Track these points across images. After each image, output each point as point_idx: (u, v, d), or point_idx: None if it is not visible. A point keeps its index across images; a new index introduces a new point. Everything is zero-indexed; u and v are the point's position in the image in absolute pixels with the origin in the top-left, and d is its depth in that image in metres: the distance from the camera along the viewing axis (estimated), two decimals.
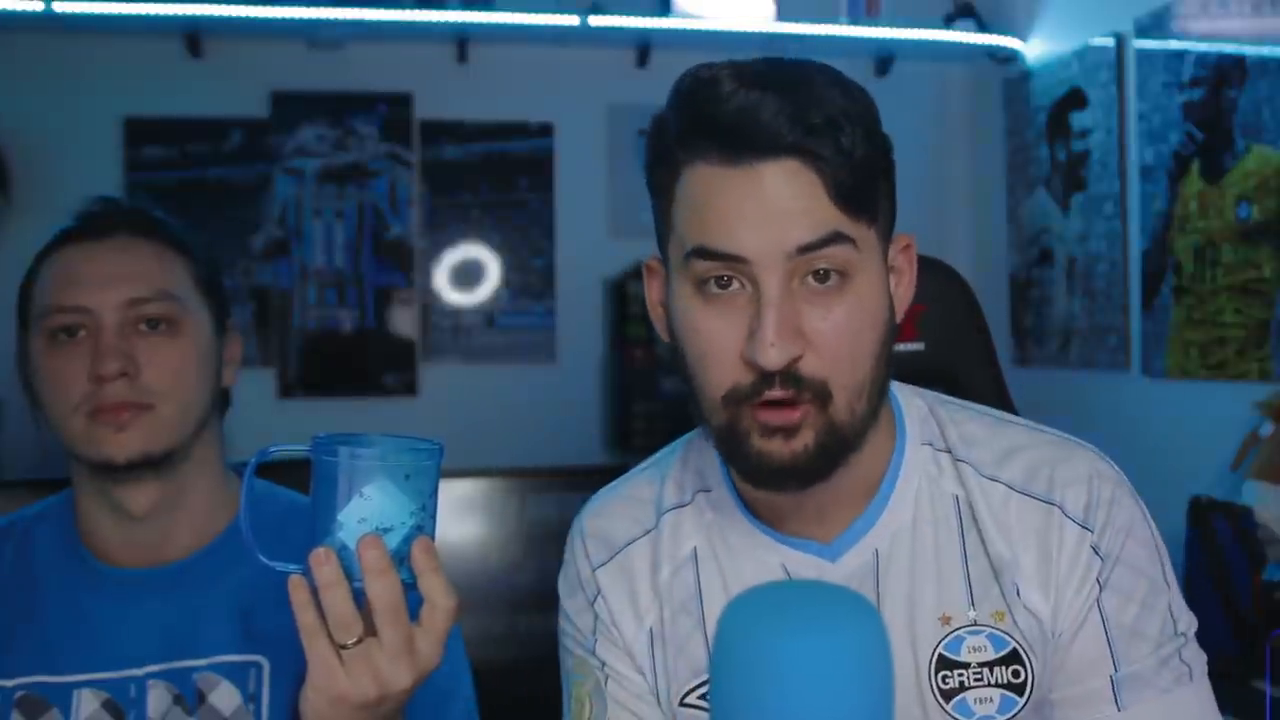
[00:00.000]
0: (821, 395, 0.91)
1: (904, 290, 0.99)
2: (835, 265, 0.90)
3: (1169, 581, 0.98)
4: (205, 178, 3.30)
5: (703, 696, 1.01)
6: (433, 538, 0.89)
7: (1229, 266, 2.53)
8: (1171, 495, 2.31)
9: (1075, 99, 3.09)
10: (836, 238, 0.89)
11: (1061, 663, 0.96)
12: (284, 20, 3.11)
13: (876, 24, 3.38)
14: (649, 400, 3.37)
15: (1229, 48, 2.52)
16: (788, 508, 1.00)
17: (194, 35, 3.21)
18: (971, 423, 1.02)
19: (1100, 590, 0.95)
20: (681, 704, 1.02)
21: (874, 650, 0.83)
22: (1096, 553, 0.96)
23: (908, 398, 1.04)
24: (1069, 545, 0.96)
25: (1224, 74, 2.54)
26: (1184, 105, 2.66)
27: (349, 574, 0.86)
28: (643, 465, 1.12)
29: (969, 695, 0.95)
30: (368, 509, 0.86)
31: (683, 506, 1.06)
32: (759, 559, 1.01)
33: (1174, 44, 2.69)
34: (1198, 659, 0.97)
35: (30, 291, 1.19)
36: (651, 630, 1.04)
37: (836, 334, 0.90)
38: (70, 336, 1.15)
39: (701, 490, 1.05)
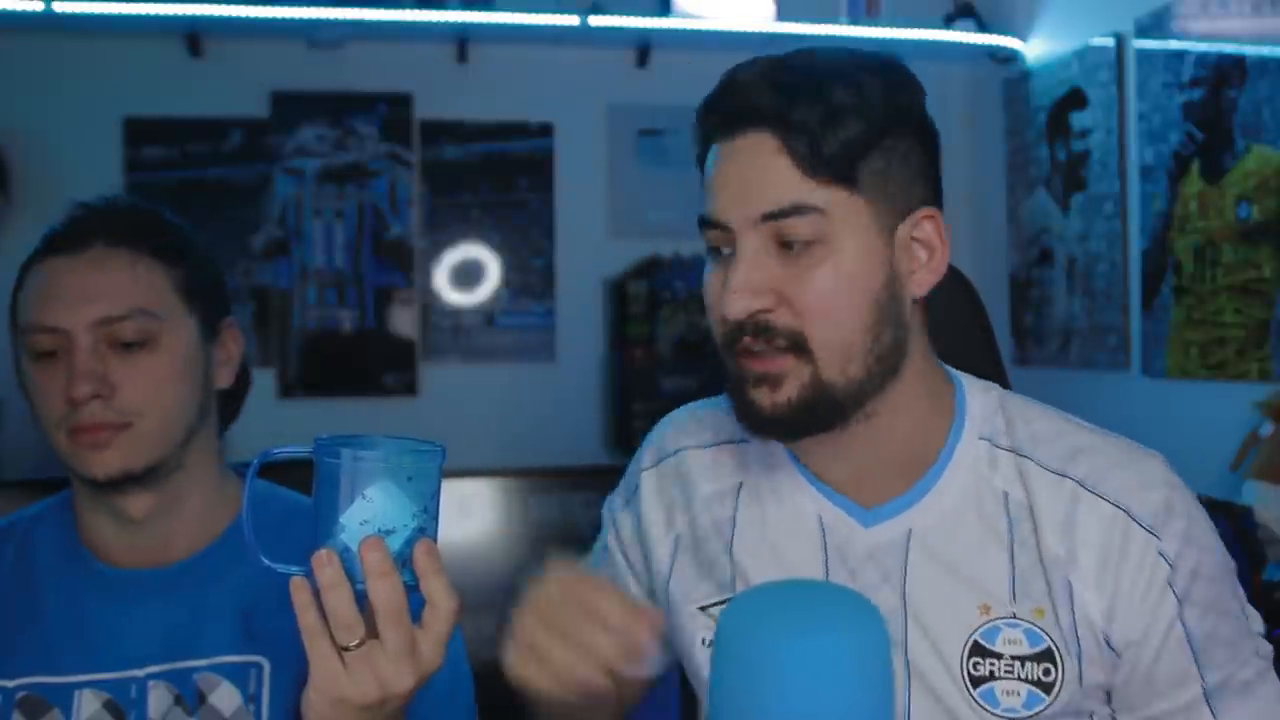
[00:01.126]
0: (798, 347, 0.95)
1: (933, 266, 1.00)
2: (803, 235, 0.94)
3: (1236, 584, 1.00)
4: (205, 178, 3.30)
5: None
6: (435, 540, 0.88)
7: (1229, 266, 2.53)
8: None
9: (1075, 99, 3.09)
10: (799, 209, 0.94)
11: (1147, 678, 0.97)
12: (284, 20, 3.11)
13: (877, 24, 3.37)
14: (649, 400, 3.37)
15: (1229, 48, 2.52)
16: (827, 464, 1.04)
17: (194, 35, 3.21)
18: (1041, 420, 1.03)
19: (1180, 605, 0.95)
20: (702, 609, 1.08)
21: (874, 650, 0.83)
22: (1166, 560, 0.95)
23: (975, 392, 1.05)
24: (1134, 550, 0.95)
25: (1224, 74, 2.53)
26: (1184, 105, 2.66)
27: (351, 576, 0.85)
28: (720, 397, 1.16)
29: (997, 685, 0.97)
30: (370, 511, 0.85)
31: (737, 443, 1.11)
32: (798, 505, 1.05)
33: (1174, 44, 2.69)
34: (1269, 654, 0.99)
35: (17, 301, 1.18)
36: (678, 538, 1.11)
37: (811, 293, 0.95)
38: (49, 355, 1.14)
39: None
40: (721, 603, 1.07)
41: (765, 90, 0.95)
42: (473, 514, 3.08)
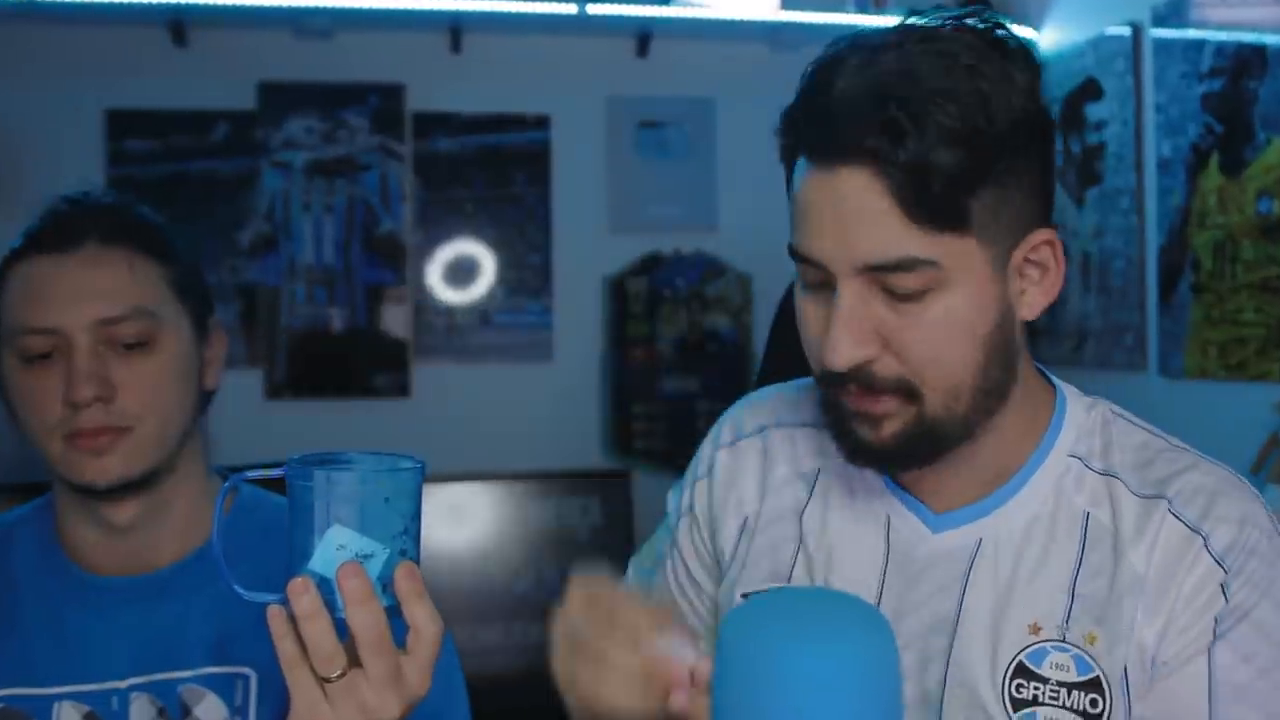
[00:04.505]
0: (905, 392, 0.93)
1: (1047, 286, 0.96)
2: (912, 287, 0.90)
3: None
4: (190, 171, 3.29)
5: None
6: (417, 561, 0.87)
7: (1249, 263, 2.53)
8: None
9: (1090, 90, 3.09)
10: (910, 263, 0.89)
11: (1156, 704, 0.94)
12: (271, 8, 3.11)
13: (885, 13, 3.37)
14: (649, 401, 3.37)
15: (1249, 37, 2.52)
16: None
17: (178, 24, 3.20)
18: (1145, 448, 1.01)
19: (1215, 639, 0.92)
20: (745, 597, 1.07)
21: (881, 661, 0.83)
22: (1224, 592, 0.93)
23: (1077, 408, 1.03)
24: (1196, 576, 0.93)
25: (1244, 64, 2.53)
26: (1203, 96, 2.66)
27: (330, 605, 0.84)
28: (806, 379, 1.13)
29: (1040, 711, 0.94)
30: (346, 535, 0.83)
31: (821, 428, 1.08)
32: (870, 501, 1.05)
33: (1192, 33, 2.69)
34: None
35: (1, 302, 1.17)
36: (746, 520, 1.10)
37: (918, 341, 0.91)
38: (42, 358, 1.12)
39: None
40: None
41: (869, 123, 0.87)
42: (467, 520, 3.08)
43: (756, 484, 1.11)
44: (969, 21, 0.93)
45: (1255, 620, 0.93)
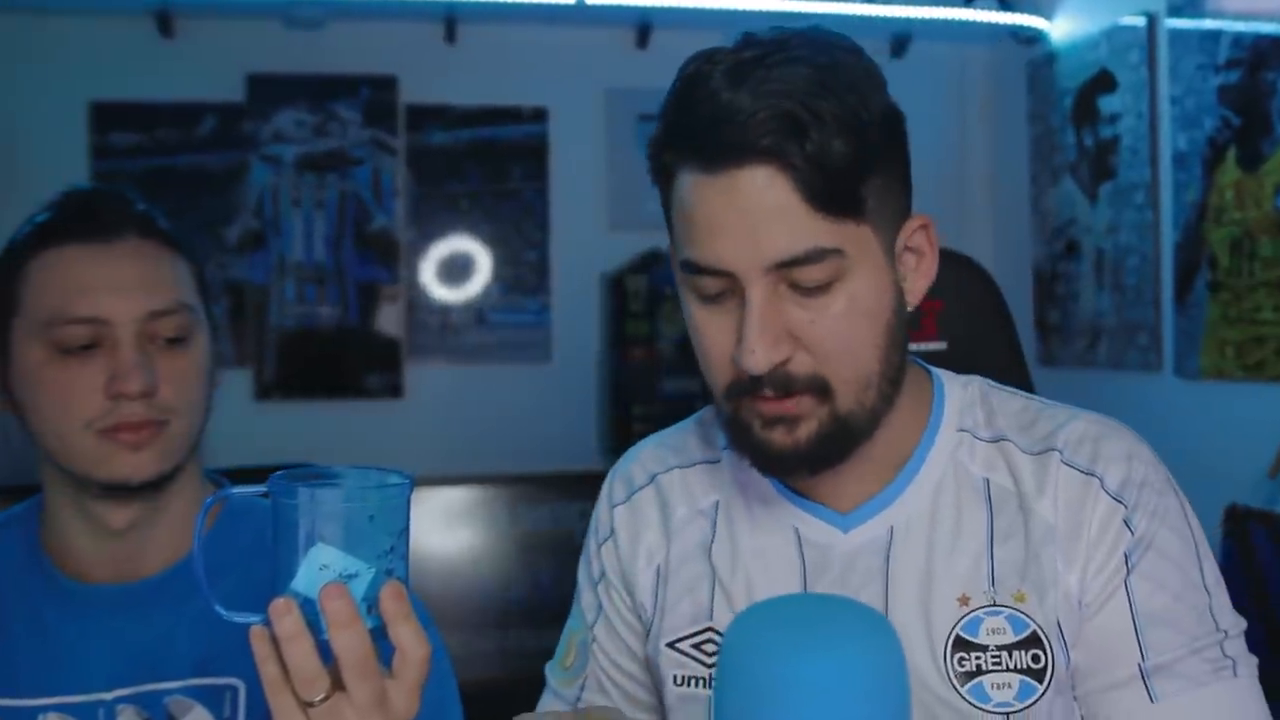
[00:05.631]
0: (818, 389, 0.97)
1: (924, 270, 1.03)
2: (818, 279, 0.94)
3: (1208, 583, 1.01)
4: (177, 165, 3.30)
5: (696, 646, 1.08)
6: (405, 579, 0.86)
7: (1267, 260, 2.53)
8: (1206, 503, 2.30)
9: (1103, 82, 3.09)
10: (818, 254, 0.93)
11: (1085, 646, 0.99)
12: None
13: (893, 2, 3.38)
14: (649, 401, 3.37)
15: (1267, 27, 2.52)
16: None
17: (165, 14, 3.21)
18: (1024, 412, 1.07)
19: (1128, 572, 0.98)
20: (670, 646, 1.09)
21: (885, 665, 0.83)
22: (1128, 526, 0.99)
23: (955, 387, 1.09)
24: (1100, 514, 1.00)
25: (1262, 55, 2.53)
26: (1219, 88, 2.66)
27: (313, 626, 0.83)
28: (681, 422, 1.20)
29: (986, 679, 0.98)
30: (330, 555, 0.83)
31: (711, 463, 1.14)
32: (775, 518, 1.08)
33: (1209, 23, 2.69)
34: (1244, 657, 0.99)
35: (15, 291, 1.15)
36: (659, 569, 1.12)
37: (828, 334, 0.95)
38: (82, 349, 1.13)
39: (729, 447, 1.10)
40: (691, 636, 1.09)
41: (765, 122, 0.91)
42: (461, 524, 3.08)
43: (660, 531, 1.13)
44: (805, 31, 0.98)
45: (1159, 547, 0.99)
